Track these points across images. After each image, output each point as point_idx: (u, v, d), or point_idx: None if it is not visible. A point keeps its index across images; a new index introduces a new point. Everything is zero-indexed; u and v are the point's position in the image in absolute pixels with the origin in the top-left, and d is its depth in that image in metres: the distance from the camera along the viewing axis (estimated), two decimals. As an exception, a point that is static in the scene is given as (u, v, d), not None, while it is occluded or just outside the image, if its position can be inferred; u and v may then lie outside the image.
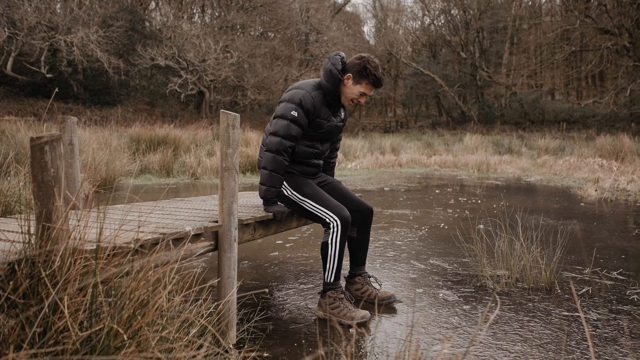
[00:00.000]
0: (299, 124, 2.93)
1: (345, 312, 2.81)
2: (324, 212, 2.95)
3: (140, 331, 1.57)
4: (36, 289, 1.52)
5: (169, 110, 30.89)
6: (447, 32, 43.02)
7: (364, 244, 3.26)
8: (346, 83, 3.01)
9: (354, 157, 16.76)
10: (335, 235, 2.90)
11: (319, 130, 3.06)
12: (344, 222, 2.91)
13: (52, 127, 10.99)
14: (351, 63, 3.01)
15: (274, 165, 2.90)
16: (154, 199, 6.39)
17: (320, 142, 3.15)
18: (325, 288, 2.91)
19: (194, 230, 2.28)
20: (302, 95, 2.94)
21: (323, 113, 3.02)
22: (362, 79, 2.99)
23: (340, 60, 3.02)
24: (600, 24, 32.08)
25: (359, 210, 3.18)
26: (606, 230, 5.57)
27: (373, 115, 48.65)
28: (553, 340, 2.54)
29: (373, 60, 3.01)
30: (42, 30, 25.88)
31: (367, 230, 3.26)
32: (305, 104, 2.93)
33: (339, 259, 2.91)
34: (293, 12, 38.57)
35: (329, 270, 2.91)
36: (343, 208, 2.96)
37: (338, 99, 3.09)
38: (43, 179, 1.55)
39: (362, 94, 3.04)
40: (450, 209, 7.10)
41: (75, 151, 3.01)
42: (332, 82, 2.99)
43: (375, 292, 3.17)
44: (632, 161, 13.17)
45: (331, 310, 2.83)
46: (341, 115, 3.22)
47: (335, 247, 2.89)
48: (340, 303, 2.85)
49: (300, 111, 2.92)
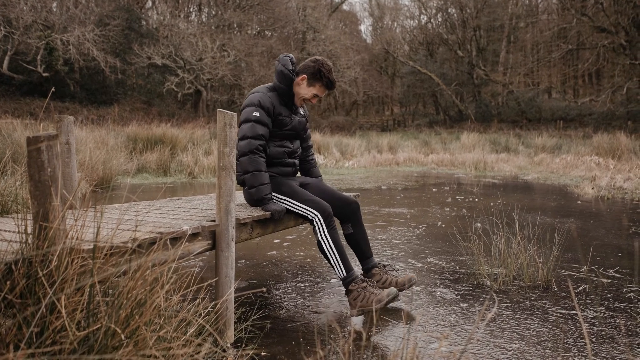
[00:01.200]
0: (263, 122, 3.01)
1: (371, 297, 2.82)
2: (302, 208, 3.00)
3: (138, 330, 1.57)
4: (33, 288, 1.51)
5: (166, 109, 30.85)
6: (444, 31, 43.04)
7: (363, 236, 3.27)
8: (300, 83, 3.11)
9: (352, 155, 16.77)
10: (321, 230, 2.93)
11: (284, 129, 3.14)
12: (324, 213, 2.94)
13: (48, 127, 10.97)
14: (305, 65, 3.11)
15: (253, 164, 2.96)
16: (151, 198, 6.39)
17: (290, 140, 3.24)
18: (345, 284, 2.92)
19: (192, 229, 2.27)
20: (259, 96, 3.04)
21: (283, 112, 3.12)
22: (316, 81, 3.10)
23: (289, 61, 3.13)
24: (597, 22, 32.13)
25: (344, 205, 3.22)
26: (603, 228, 5.58)
27: (370, 114, 48.66)
28: (550, 338, 2.54)
29: (327, 64, 3.11)
30: (38, 29, 25.82)
31: (360, 222, 3.28)
32: (264, 103, 3.02)
33: (340, 250, 2.91)
34: (290, 10, 38.55)
35: (336, 265, 2.92)
36: (320, 201, 3.01)
37: (293, 99, 3.17)
38: (40, 178, 1.55)
39: (315, 96, 3.15)
40: (448, 208, 7.11)
41: (72, 150, 3.00)
42: (285, 82, 3.09)
43: (394, 279, 3.18)
44: (628, 159, 13.21)
45: (359, 303, 2.83)
46: (301, 112, 3.30)
47: (329, 241, 2.91)
48: (364, 292, 2.84)
49: (261, 110, 3.01)
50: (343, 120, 39.98)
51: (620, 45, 31.33)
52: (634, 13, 30.07)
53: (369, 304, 2.80)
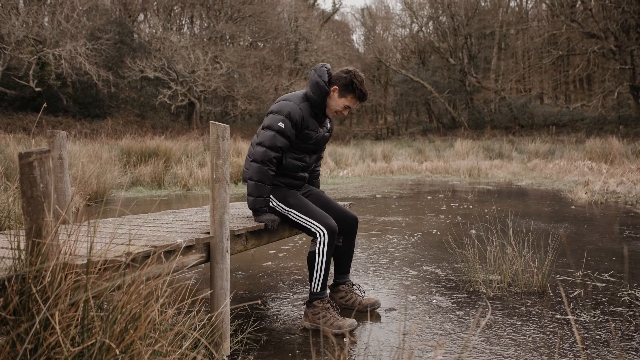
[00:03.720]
0: (286, 135, 2.94)
1: (332, 321, 2.81)
2: (309, 222, 2.96)
3: (133, 345, 1.56)
4: (27, 305, 1.51)
5: (160, 122, 30.82)
6: (435, 39, 43.31)
7: (349, 253, 3.27)
8: (332, 95, 3.03)
9: (346, 164, 16.79)
10: (322, 245, 2.91)
11: (308, 142, 3.07)
12: (330, 231, 2.91)
13: (41, 142, 10.94)
14: (337, 76, 3.03)
15: (260, 175, 2.92)
16: (146, 211, 6.37)
17: (308, 155, 3.16)
18: (312, 298, 2.90)
19: (186, 242, 2.27)
20: (290, 107, 2.96)
21: (311, 124, 3.04)
22: (348, 92, 3.01)
23: (326, 72, 3.04)
24: (587, 28, 32.43)
25: (344, 219, 3.19)
26: (597, 233, 5.61)
27: (364, 123, 48.78)
28: (546, 344, 2.55)
29: (359, 75, 3.03)
30: (30, 44, 25.81)
31: (353, 239, 3.27)
32: (294, 115, 2.94)
33: (326, 269, 2.91)
34: (282, 21, 38.74)
35: (316, 279, 2.91)
36: (329, 217, 2.97)
37: (324, 110, 3.10)
38: (32, 194, 1.55)
39: (346, 107, 3.06)
40: (442, 215, 7.12)
41: (64, 165, 3.00)
42: (319, 94, 3.00)
43: (359, 299, 3.19)
44: (621, 163, 13.29)
45: (317, 320, 2.82)
46: (327, 126, 3.23)
47: (322, 257, 2.90)
48: (326, 312, 2.84)
49: (288, 122, 2.93)
50: (337, 129, 40.05)
51: (610, 50, 31.62)
52: (623, 18, 30.39)
53: (327, 325, 2.79)
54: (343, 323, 2.80)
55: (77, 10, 27.47)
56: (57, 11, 27.15)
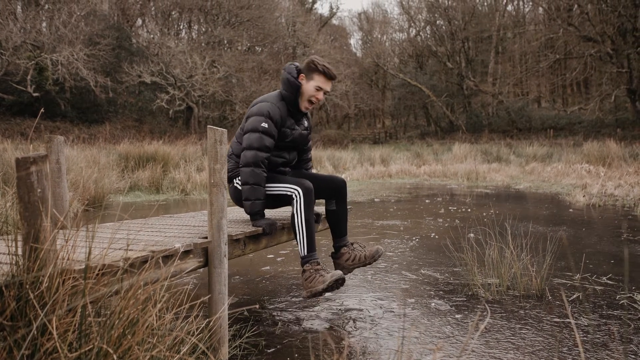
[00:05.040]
0: (271, 134, 3.01)
1: (318, 277, 2.79)
2: (283, 187, 3.01)
3: (131, 350, 1.56)
4: (24, 310, 1.50)
5: (158, 127, 30.82)
6: (433, 43, 43.41)
7: (343, 215, 3.30)
8: (302, 84, 3.11)
9: (344, 168, 16.80)
10: (298, 204, 2.93)
11: (285, 140, 3.15)
12: (305, 189, 2.95)
13: (39, 147, 10.93)
14: (305, 65, 3.13)
15: (255, 178, 2.96)
16: (144, 216, 6.36)
17: (287, 151, 3.26)
18: (302, 263, 2.90)
19: (184, 247, 2.27)
20: (269, 107, 3.04)
21: (288, 122, 3.14)
22: (313, 72, 3.09)
23: (295, 68, 3.14)
24: (583, 31, 32.53)
25: (331, 182, 3.25)
26: (595, 236, 5.61)
27: (362, 127, 48.85)
28: (545, 347, 2.54)
29: (319, 57, 3.14)
30: (27, 49, 25.82)
31: (344, 201, 3.30)
32: (274, 115, 3.02)
33: (308, 229, 2.90)
34: (280, 26, 38.80)
35: (301, 241, 2.90)
36: (302, 179, 3.03)
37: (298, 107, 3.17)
38: (29, 199, 1.55)
39: (318, 89, 3.10)
40: (441, 219, 7.12)
41: (62, 170, 2.99)
42: (291, 90, 3.09)
43: (363, 254, 3.20)
44: (618, 166, 13.31)
45: (309, 285, 2.81)
46: (305, 124, 3.32)
47: (302, 216, 2.91)
48: (315, 274, 2.82)
49: (270, 122, 3.01)
50: (335, 133, 40.09)
51: (606, 54, 31.71)
52: (619, 22, 30.50)
53: (315, 285, 2.77)
54: (325, 277, 2.77)
55: (74, 15, 27.50)
56: (55, 17, 27.18)
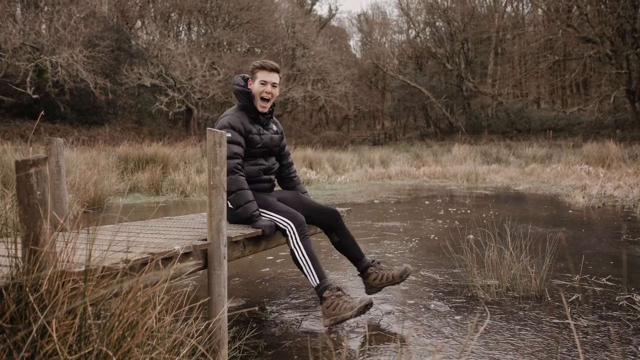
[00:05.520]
0: (236, 142, 3.08)
1: (344, 305, 2.74)
2: (276, 217, 3.04)
3: (130, 353, 1.56)
4: (24, 313, 1.51)
5: (157, 129, 30.81)
6: (432, 44, 43.44)
7: (349, 242, 3.28)
8: (252, 86, 3.23)
9: (344, 170, 16.80)
10: (294, 238, 2.95)
11: (256, 146, 3.22)
12: (296, 222, 2.97)
13: (39, 149, 10.93)
14: (249, 71, 3.29)
15: (235, 184, 3.01)
16: (144, 218, 6.36)
17: (264, 158, 3.31)
18: (319, 293, 2.86)
19: (183, 249, 2.27)
20: (228, 118, 3.15)
21: (254, 129, 3.21)
22: (254, 72, 3.24)
23: (242, 78, 3.28)
24: (582, 33, 32.57)
25: (323, 215, 3.26)
26: (594, 237, 5.62)
27: (361, 128, 48.86)
28: (544, 348, 2.55)
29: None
30: (27, 51, 25.81)
31: (343, 229, 3.28)
32: (234, 123, 3.12)
33: (312, 258, 2.90)
34: (279, 27, 38.84)
35: (309, 273, 2.89)
36: (293, 211, 3.06)
37: (257, 112, 3.25)
38: (29, 202, 1.55)
39: (263, 83, 3.20)
40: (440, 220, 7.12)
41: (62, 172, 3.00)
42: (244, 98, 3.23)
43: (390, 273, 3.19)
44: (618, 167, 13.33)
45: (332, 312, 2.75)
46: (274, 128, 3.38)
47: (301, 249, 2.92)
48: (338, 300, 2.77)
49: (233, 131, 3.09)
50: (334, 135, 40.12)
51: (605, 55, 31.74)
52: (618, 23, 30.53)
53: (341, 312, 2.72)
54: (354, 302, 2.73)
55: (74, 17, 27.49)
56: (55, 18, 27.18)
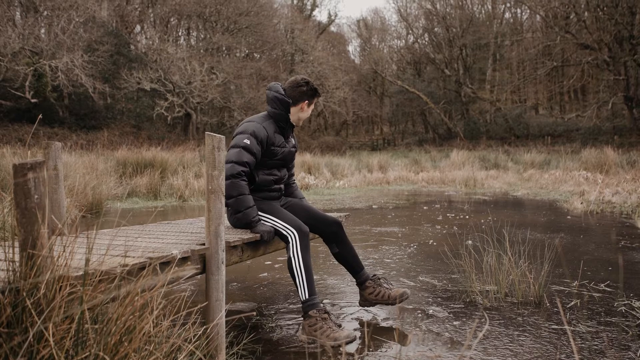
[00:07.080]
0: (251, 151, 3.05)
1: (329, 332, 2.70)
2: (281, 225, 3.02)
3: (127, 358, 1.55)
4: (21, 317, 1.50)
5: (156, 133, 30.79)
6: (431, 50, 43.52)
7: (349, 253, 3.27)
8: (304, 109, 3.24)
9: (342, 175, 16.80)
10: (295, 247, 2.93)
11: (274, 158, 3.21)
12: (300, 232, 2.96)
13: (37, 153, 10.91)
14: (298, 91, 3.22)
15: (236, 189, 2.99)
16: (142, 222, 6.35)
17: (278, 169, 3.31)
18: (304, 307, 2.83)
19: (181, 254, 2.27)
20: (254, 126, 3.11)
21: (277, 141, 3.20)
22: (312, 96, 3.26)
23: (280, 86, 3.26)
24: (580, 39, 32.66)
25: (325, 226, 3.25)
26: (593, 243, 5.62)
27: (360, 134, 48.89)
28: (543, 354, 2.54)
29: (309, 79, 3.29)
30: (26, 55, 25.80)
31: (344, 240, 3.27)
32: (259, 134, 3.09)
33: (307, 272, 2.88)
34: (278, 33, 38.89)
35: (301, 285, 2.87)
36: (298, 221, 3.05)
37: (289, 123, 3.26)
38: (26, 205, 1.54)
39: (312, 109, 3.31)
40: (439, 226, 7.12)
41: (60, 176, 2.99)
42: (282, 107, 3.20)
43: (387, 292, 3.18)
44: (616, 173, 13.35)
45: (314, 332, 2.72)
46: (292, 142, 3.39)
47: (299, 259, 2.90)
48: (323, 323, 2.74)
49: (253, 140, 3.06)
50: (333, 140, 40.10)
51: (603, 61, 31.81)
52: (616, 30, 30.63)
53: (323, 337, 2.69)
54: (339, 334, 2.69)
55: (73, 22, 27.51)
56: (54, 23, 27.19)
